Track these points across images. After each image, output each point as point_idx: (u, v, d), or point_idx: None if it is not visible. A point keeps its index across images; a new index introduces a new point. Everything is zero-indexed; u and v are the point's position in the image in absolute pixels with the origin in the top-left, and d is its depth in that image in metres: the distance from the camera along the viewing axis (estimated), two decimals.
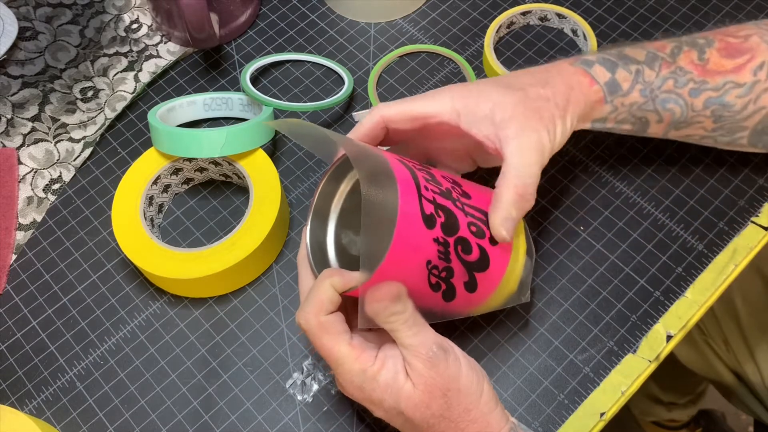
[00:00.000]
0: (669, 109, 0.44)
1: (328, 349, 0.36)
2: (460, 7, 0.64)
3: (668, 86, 0.43)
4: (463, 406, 0.37)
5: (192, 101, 0.57)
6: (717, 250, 0.50)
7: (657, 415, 1.11)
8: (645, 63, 0.44)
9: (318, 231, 0.42)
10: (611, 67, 0.43)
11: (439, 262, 0.37)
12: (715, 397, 0.92)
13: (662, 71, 0.43)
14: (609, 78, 0.43)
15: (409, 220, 0.35)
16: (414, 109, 0.41)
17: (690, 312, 0.48)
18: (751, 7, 0.61)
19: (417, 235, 0.35)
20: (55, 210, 0.56)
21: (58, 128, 0.58)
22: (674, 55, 0.44)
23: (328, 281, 0.36)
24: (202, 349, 0.49)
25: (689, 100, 0.44)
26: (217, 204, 0.55)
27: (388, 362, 0.37)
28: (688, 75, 0.43)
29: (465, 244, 0.38)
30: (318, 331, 0.36)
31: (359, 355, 0.36)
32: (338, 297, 0.37)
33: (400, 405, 0.36)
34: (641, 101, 0.44)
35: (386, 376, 0.36)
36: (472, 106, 0.40)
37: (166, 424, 0.47)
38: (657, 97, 0.44)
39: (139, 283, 0.52)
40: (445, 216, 0.37)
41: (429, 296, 0.37)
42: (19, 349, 0.50)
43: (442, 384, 0.36)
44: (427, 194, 0.37)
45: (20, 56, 0.61)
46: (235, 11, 0.62)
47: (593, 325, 0.48)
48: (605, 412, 0.45)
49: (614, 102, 0.43)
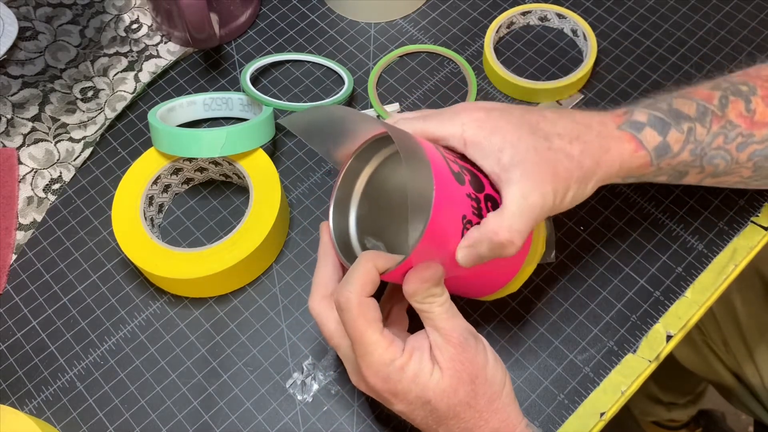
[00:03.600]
0: (714, 164, 0.42)
1: (360, 333, 0.36)
2: (460, 7, 0.64)
3: (718, 143, 0.42)
4: (487, 396, 0.37)
5: (192, 101, 0.57)
6: (717, 250, 0.50)
7: (657, 415, 1.11)
8: (696, 119, 0.41)
9: (340, 218, 0.42)
10: (662, 128, 0.41)
11: (473, 217, 0.37)
12: (715, 397, 0.92)
13: (713, 127, 0.41)
14: (659, 142, 0.40)
15: (444, 179, 0.35)
16: (425, 130, 0.40)
17: (690, 312, 0.48)
18: (751, 7, 0.61)
19: (453, 191, 0.36)
20: (55, 210, 0.56)
21: (58, 128, 0.58)
22: (723, 107, 0.42)
23: (372, 263, 0.36)
24: (202, 349, 0.49)
25: (735, 154, 0.42)
26: (217, 204, 0.55)
27: (416, 354, 0.37)
28: (737, 129, 0.42)
29: (493, 201, 0.38)
30: (357, 312, 0.35)
31: (389, 344, 0.36)
32: (378, 279, 0.36)
33: (427, 393, 0.36)
34: (690, 160, 0.42)
35: (414, 368, 0.36)
36: (480, 139, 0.38)
37: (166, 424, 0.47)
38: (706, 155, 0.42)
39: (139, 283, 0.52)
40: (470, 175, 0.38)
41: (456, 249, 0.37)
42: (19, 349, 0.50)
43: (471, 370, 0.36)
44: (449, 156, 0.38)
45: (20, 56, 0.61)
46: (235, 11, 0.62)
47: (593, 325, 0.48)
48: (605, 412, 0.45)
49: (661, 164, 0.41)
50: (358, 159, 0.42)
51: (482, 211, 0.37)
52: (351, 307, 0.35)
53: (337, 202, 0.42)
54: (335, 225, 0.41)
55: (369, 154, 0.42)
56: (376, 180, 0.43)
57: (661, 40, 0.60)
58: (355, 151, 0.41)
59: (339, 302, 0.36)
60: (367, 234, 0.42)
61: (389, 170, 0.43)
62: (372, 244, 0.42)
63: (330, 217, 0.41)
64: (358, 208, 0.42)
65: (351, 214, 0.42)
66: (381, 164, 0.42)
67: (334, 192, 0.42)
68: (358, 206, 0.42)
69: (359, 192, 0.43)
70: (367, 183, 0.43)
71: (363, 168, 0.42)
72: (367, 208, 0.43)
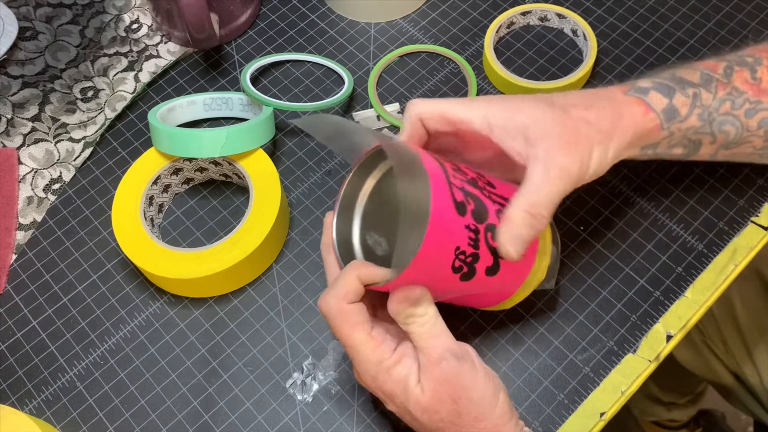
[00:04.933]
0: (725, 131, 0.43)
1: (345, 336, 0.37)
2: (460, 7, 0.64)
3: (725, 108, 0.42)
4: (473, 415, 0.37)
5: (192, 101, 0.57)
6: (717, 250, 0.50)
7: (657, 415, 1.11)
8: (701, 85, 0.42)
9: (343, 221, 0.41)
10: (668, 92, 0.42)
11: (468, 248, 0.37)
12: (714, 397, 0.92)
13: (719, 93, 0.42)
14: (666, 104, 0.41)
15: (441, 210, 0.35)
16: (446, 111, 0.39)
17: (690, 312, 0.48)
18: (751, 7, 0.61)
19: (450, 222, 0.36)
20: (55, 210, 0.56)
21: (58, 128, 0.58)
22: (728, 75, 0.43)
23: (355, 273, 0.36)
24: (202, 349, 0.49)
25: (744, 121, 0.43)
26: (217, 204, 0.55)
27: (405, 359, 0.37)
28: (744, 96, 0.42)
29: (495, 231, 0.38)
30: (337, 318, 0.37)
31: (377, 346, 0.37)
32: (362, 289, 0.37)
33: (408, 405, 0.37)
34: (699, 125, 0.42)
35: (400, 372, 0.36)
36: (505, 119, 0.38)
37: (166, 424, 0.47)
38: (714, 120, 0.42)
39: (139, 283, 0.52)
40: (475, 203, 0.37)
41: (446, 277, 0.37)
42: (19, 349, 0.50)
43: (452, 392, 0.36)
44: (456, 182, 0.37)
45: (20, 56, 0.61)
46: (235, 11, 0.62)
47: (593, 324, 0.48)
48: (605, 412, 0.45)
49: (671, 128, 0.41)
50: (366, 163, 0.41)
51: (479, 242, 0.37)
52: (330, 313, 0.37)
53: (342, 204, 0.41)
54: (338, 226, 0.41)
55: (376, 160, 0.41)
56: (382, 186, 0.42)
57: (661, 40, 0.60)
58: (362, 158, 0.41)
59: (320, 307, 0.37)
60: (370, 229, 0.42)
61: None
62: (374, 240, 0.42)
63: (334, 220, 0.41)
64: (366, 203, 0.42)
65: (355, 218, 0.42)
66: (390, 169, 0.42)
67: (340, 195, 0.41)
68: (366, 202, 0.42)
69: (365, 196, 0.42)
70: (374, 189, 0.42)
71: (372, 171, 0.42)
72: (375, 205, 0.42)
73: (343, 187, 0.41)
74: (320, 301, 0.37)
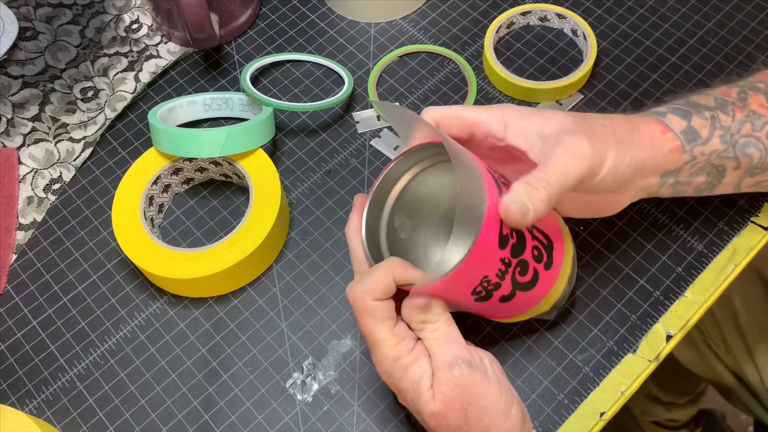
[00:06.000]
0: (748, 154, 0.42)
1: (368, 331, 0.37)
2: (460, 7, 0.64)
3: (746, 130, 0.41)
4: (483, 424, 0.37)
5: (192, 101, 0.57)
6: (717, 250, 0.50)
7: (657, 415, 1.11)
8: (717, 108, 0.41)
9: (373, 212, 0.41)
10: (684, 115, 0.41)
11: (494, 278, 0.37)
12: (715, 397, 0.92)
13: (737, 115, 0.41)
14: (685, 126, 0.40)
15: (487, 237, 0.35)
16: (463, 113, 0.40)
17: (690, 312, 0.48)
18: (751, 7, 0.61)
19: (489, 253, 0.36)
20: (55, 210, 0.56)
21: (58, 128, 0.58)
22: (742, 99, 0.42)
23: (390, 272, 0.36)
24: (202, 349, 0.49)
25: (767, 143, 0.42)
26: (217, 204, 0.55)
27: (422, 359, 0.37)
28: (763, 118, 0.42)
29: (524, 266, 0.38)
30: (363, 312, 0.37)
31: (398, 342, 0.37)
32: (394, 288, 0.36)
33: (419, 406, 0.37)
34: (722, 148, 0.41)
35: (416, 371, 0.36)
36: (522, 121, 0.39)
37: (166, 424, 0.47)
38: (737, 143, 0.41)
39: (139, 283, 0.52)
40: (517, 238, 0.37)
41: (463, 295, 0.37)
42: (19, 349, 0.50)
43: (463, 399, 0.36)
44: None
45: (20, 56, 0.61)
46: (235, 11, 0.62)
47: (593, 324, 0.48)
48: (605, 412, 0.45)
49: (693, 151, 0.40)
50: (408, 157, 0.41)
51: (507, 275, 0.37)
52: (357, 306, 0.37)
53: (375, 194, 0.41)
54: (369, 215, 0.40)
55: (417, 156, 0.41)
56: (417, 182, 0.42)
57: (661, 40, 0.60)
58: (406, 151, 0.40)
59: (348, 298, 0.37)
60: (400, 213, 0.42)
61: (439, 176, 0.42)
62: (400, 222, 0.42)
63: (366, 208, 0.40)
64: (393, 205, 0.42)
65: (385, 210, 0.41)
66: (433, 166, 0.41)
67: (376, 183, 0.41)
68: (394, 204, 0.42)
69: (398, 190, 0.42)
70: (408, 184, 0.42)
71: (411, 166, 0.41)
72: (403, 207, 0.42)
73: (383, 173, 0.41)
74: (349, 291, 0.37)
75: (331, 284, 0.51)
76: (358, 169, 0.56)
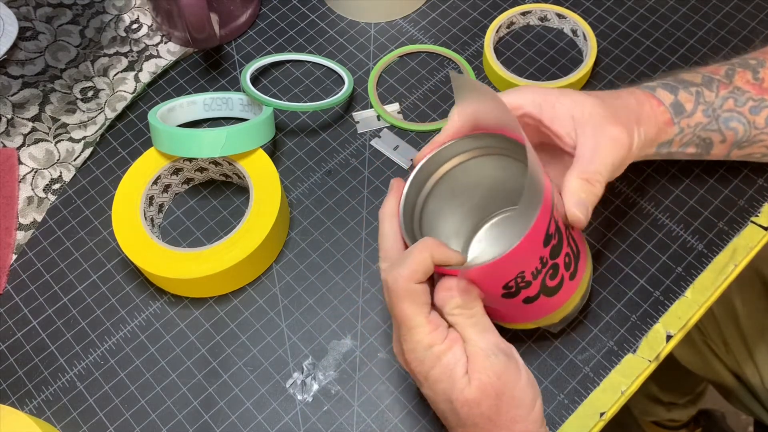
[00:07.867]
0: (732, 128, 0.45)
1: (405, 315, 0.36)
2: (460, 7, 0.64)
3: (729, 105, 0.44)
4: (511, 415, 0.37)
5: (192, 101, 0.57)
6: (717, 250, 0.50)
7: (657, 415, 1.11)
8: (702, 85, 0.45)
9: (411, 194, 0.41)
10: (672, 90, 0.44)
11: (529, 275, 0.37)
12: (715, 397, 0.92)
13: (720, 92, 0.44)
14: (673, 99, 0.44)
15: (536, 233, 0.35)
16: (502, 97, 0.41)
17: (690, 312, 0.48)
18: (751, 7, 0.61)
19: (534, 246, 0.36)
20: (55, 210, 0.56)
21: (58, 128, 0.58)
22: (729, 76, 0.45)
23: (428, 252, 0.36)
24: (202, 349, 0.49)
25: (750, 118, 0.44)
26: (217, 204, 0.55)
27: (456, 347, 0.36)
28: (747, 94, 0.44)
29: (555, 270, 0.38)
30: (402, 295, 0.36)
31: (432, 330, 0.36)
32: (432, 269, 0.36)
33: (453, 394, 0.36)
34: (705, 121, 0.44)
35: (450, 360, 0.36)
36: (552, 101, 0.41)
37: (166, 424, 0.47)
38: (719, 117, 0.44)
39: (139, 283, 0.52)
40: (558, 240, 0.38)
41: (494, 287, 0.37)
42: (19, 349, 0.50)
43: (499, 386, 0.36)
44: (555, 214, 0.37)
45: (20, 56, 0.61)
46: (235, 11, 0.62)
47: (593, 324, 0.48)
48: (605, 412, 0.45)
49: (680, 123, 0.44)
50: (456, 143, 0.41)
51: (539, 275, 0.37)
52: (397, 289, 0.36)
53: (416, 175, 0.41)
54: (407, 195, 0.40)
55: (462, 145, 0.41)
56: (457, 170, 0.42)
57: (661, 40, 0.60)
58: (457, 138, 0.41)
59: (386, 281, 0.36)
60: (436, 198, 0.42)
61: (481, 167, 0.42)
62: (435, 206, 0.42)
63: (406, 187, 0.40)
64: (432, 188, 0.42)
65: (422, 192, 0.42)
66: (480, 157, 0.42)
67: (418, 165, 0.41)
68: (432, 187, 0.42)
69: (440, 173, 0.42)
70: (450, 170, 0.42)
71: (458, 153, 0.42)
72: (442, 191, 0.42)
73: (427, 156, 0.41)
74: (388, 276, 0.36)
75: (331, 284, 0.51)
76: (358, 169, 0.56)
